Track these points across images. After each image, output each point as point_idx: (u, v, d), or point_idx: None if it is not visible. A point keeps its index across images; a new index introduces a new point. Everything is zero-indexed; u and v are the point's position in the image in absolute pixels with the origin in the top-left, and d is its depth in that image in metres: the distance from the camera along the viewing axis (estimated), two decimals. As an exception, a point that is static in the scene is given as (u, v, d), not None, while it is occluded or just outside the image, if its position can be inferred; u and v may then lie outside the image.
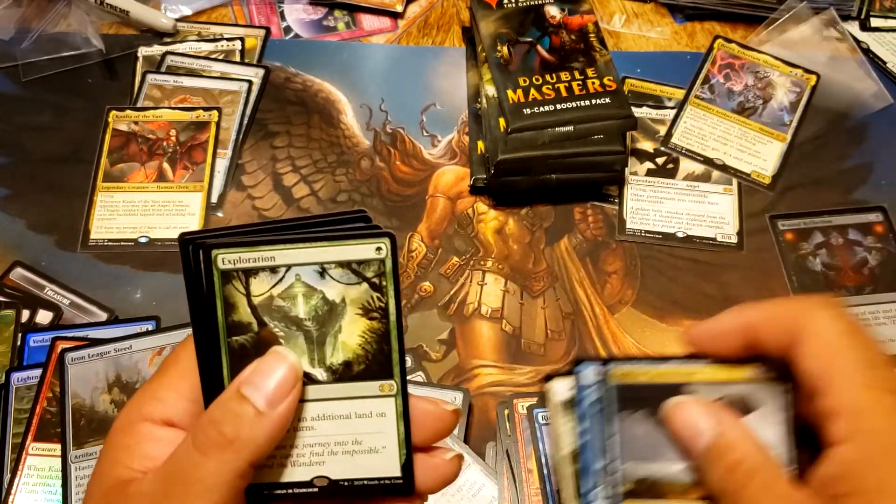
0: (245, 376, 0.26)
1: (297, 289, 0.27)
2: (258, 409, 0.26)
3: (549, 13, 0.58)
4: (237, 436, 0.25)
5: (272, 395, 0.26)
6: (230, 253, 0.26)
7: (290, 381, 0.26)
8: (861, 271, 0.53)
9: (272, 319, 0.27)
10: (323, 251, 0.26)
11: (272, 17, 0.67)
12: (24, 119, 0.60)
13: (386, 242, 0.26)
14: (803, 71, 0.62)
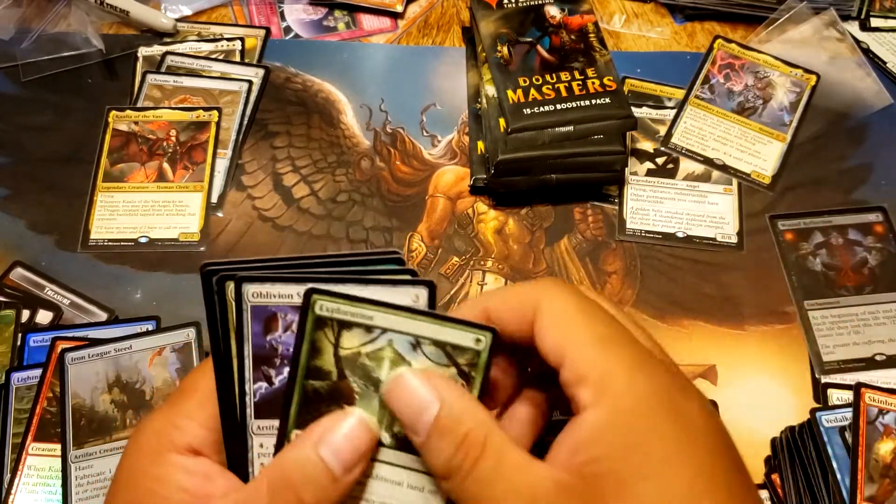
0: (321, 433, 0.25)
1: (386, 353, 0.26)
2: (335, 475, 0.25)
3: (549, 13, 0.58)
4: (317, 502, 0.24)
5: (349, 461, 0.25)
6: (331, 302, 0.26)
7: (367, 447, 0.26)
8: (861, 271, 0.53)
9: (353, 374, 0.26)
10: (424, 326, 0.26)
11: (272, 17, 0.67)
12: (24, 119, 0.60)
13: (488, 336, 0.26)
14: (803, 71, 0.62)
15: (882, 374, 0.48)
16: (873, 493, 0.42)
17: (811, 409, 0.44)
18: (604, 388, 0.23)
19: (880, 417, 0.44)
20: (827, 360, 0.49)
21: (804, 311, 0.51)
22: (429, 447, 0.25)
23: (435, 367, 0.26)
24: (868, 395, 0.45)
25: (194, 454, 0.27)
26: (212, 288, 0.27)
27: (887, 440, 0.43)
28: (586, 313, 0.25)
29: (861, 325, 0.50)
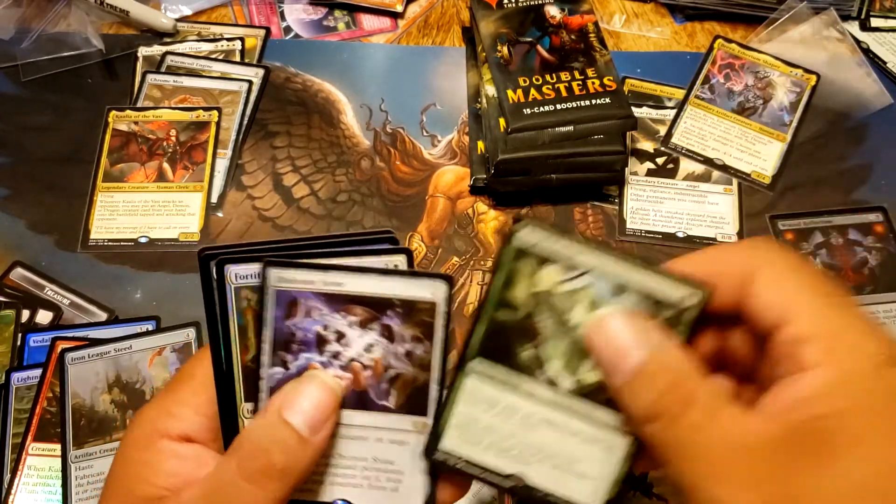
0: (284, 399, 0.26)
1: (583, 295, 0.25)
2: (302, 436, 0.25)
3: (549, 13, 0.58)
4: (287, 465, 0.25)
5: (315, 421, 0.25)
6: (535, 232, 0.25)
7: (330, 405, 0.26)
8: (861, 271, 0.53)
9: (545, 311, 0.25)
10: (631, 273, 0.25)
11: (272, 17, 0.67)
12: (24, 119, 0.60)
13: (700, 294, 0.25)
14: (803, 71, 0.62)
15: (882, 374, 0.48)
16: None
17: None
18: (834, 348, 0.23)
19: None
20: (827, 360, 0.49)
21: (804, 311, 0.51)
22: (631, 389, 0.24)
23: None
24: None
25: (187, 441, 0.27)
26: (209, 272, 0.27)
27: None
28: (810, 273, 0.24)
29: (861, 325, 0.50)
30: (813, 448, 0.21)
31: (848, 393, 0.22)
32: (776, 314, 0.24)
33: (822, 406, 0.22)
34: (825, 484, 0.21)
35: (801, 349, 0.23)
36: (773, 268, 0.24)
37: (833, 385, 0.22)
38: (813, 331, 0.23)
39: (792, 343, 0.23)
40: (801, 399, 0.22)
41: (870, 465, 0.21)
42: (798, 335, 0.23)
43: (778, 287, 0.24)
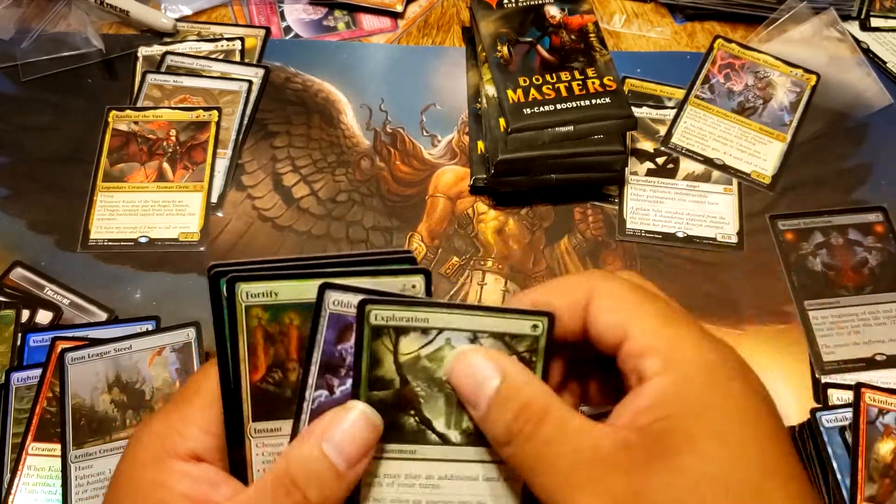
0: (324, 429, 0.25)
1: (445, 352, 0.27)
2: (339, 470, 0.25)
3: (549, 13, 0.58)
4: (320, 501, 0.24)
5: (353, 456, 0.25)
6: (384, 310, 0.26)
7: (370, 439, 0.26)
8: (861, 271, 0.53)
9: (415, 379, 0.27)
10: (479, 320, 0.26)
11: (272, 16, 0.67)
12: (24, 119, 0.60)
13: (544, 321, 0.26)
14: (803, 71, 0.62)
15: (882, 374, 0.48)
16: (873, 493, 0.42)
17: (811, 409, 0.44)
18: (672, 358, 0.24)
19: (880, 417, 0.44)
20: (827, 360, 0.49)
21: (804, 311, 0.51)
22: (489, 418, 0.25)
23: None
24: (868, 395, 0.45)
25: (197, 460, 0.27)
26: (219, 289, 0.26)
27: (887, 440, 0.43)
28: (643, 293, 0.26)
29: (861, 325, 0.50)
30: (655, 450, 0.23)
31: (683, 397, 0.24)
32: (615, 334, 0.26)
33: (661, 411, 0.23)
34: (664, 481, 0.22)
35: (642, 362, 0.25)
36: (607, 292, 0.26)
37: (670, 391, 0.24)
38: (650, 344, 0.25)
39: (633, 357, 0.25)
40: (643, 407, 0.24)
41: (703, 461, 0.23)
42: (637, 350, 0.25)
43: (613, 309, 0.26)
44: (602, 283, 0.27)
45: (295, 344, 0.27)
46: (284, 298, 0.27)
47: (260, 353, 0.27)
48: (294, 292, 0.27)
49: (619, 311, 0.26)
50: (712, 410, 0.23)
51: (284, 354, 0.27)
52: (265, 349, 0.27)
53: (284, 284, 0.26)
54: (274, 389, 0.27)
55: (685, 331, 0.25)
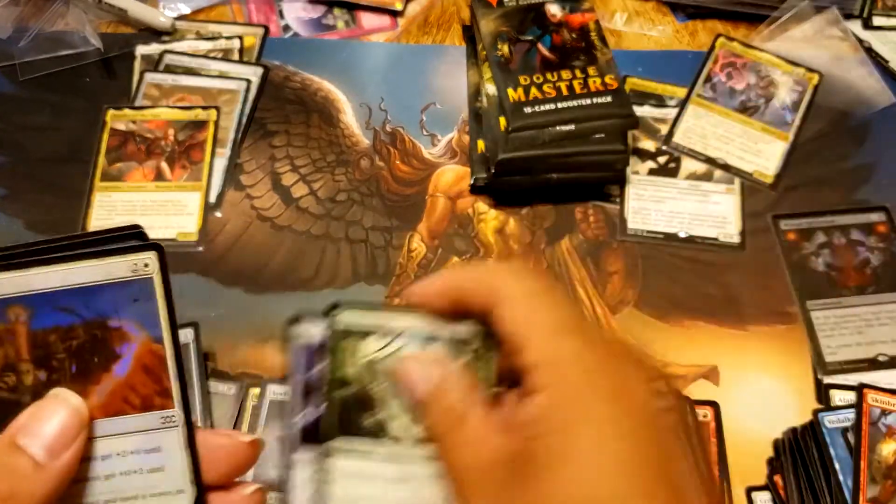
0: (21, 423, 0.24)
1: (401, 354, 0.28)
2: (37, 460, 0.23)
3: (550, 11, 0.58)
4: (12, 492, 0.23)
5: (54, 445, 0.24)
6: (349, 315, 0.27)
7: (73, 427, 0.24)
8: (863, 271, 0.52)
9: (373, 380, 0.27)
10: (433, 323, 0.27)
11: (271, 15, 0.67)
12: (22, 118, 0.59)
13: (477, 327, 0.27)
14: (806, 70, 0.62)
15: (885, 374, 0.48)
16: (876, 495, 0.41)
17: (813, 410, 0.44)
18: (555, 374, 0.25)
19: (883, 418, 0.44)
20: (829, 360, 0.49)
21: (806, 312, 0.51)
22: (421, 417, 0.27)
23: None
24: (871, 395, 0.44)
25: None
26: None
27: (890, 441, 0.43)
28: (545, 300, 0.26)
29: (864, 326, 0.50)
30: (529, 468, 0.23)
31: (559, 415, 0.24)
32: (514, 341, 0.26)
33: (537, 427, 0.24)
34: (535, 501, 0.23)
35: (532, 375, 0.25)
36: (510, 296, 0.26)
37: (548, 407, 0.24)
38: (540, 357, 0.25)
39: (525, 369, 0.25)
40: (525, 421, 0.24)
41: (571, 482, 0.23)
42: (529, 362, 0.25)
43: (514, 315, 0.26)
44: (506, 285, 0.27)
45: (24, 341, 0.25)
46: (5, 292, 0.24)
47: None
48: (14, 285, 0.24)
49: (517, 318, 0.26)
50: (574, 430, 0.24)
51: (14, 355, 0.25)
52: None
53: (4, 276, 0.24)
54: (8, 395, 0.25)
55: (573, 344, 0.25)
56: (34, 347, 0.25)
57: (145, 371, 0.26)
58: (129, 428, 0.26)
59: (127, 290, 0.25)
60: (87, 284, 0.25)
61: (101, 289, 0.25)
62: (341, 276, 0.53)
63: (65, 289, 0.25)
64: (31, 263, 0.24)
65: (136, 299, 0.25)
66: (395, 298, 0.52)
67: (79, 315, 0.25)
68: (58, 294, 0.24)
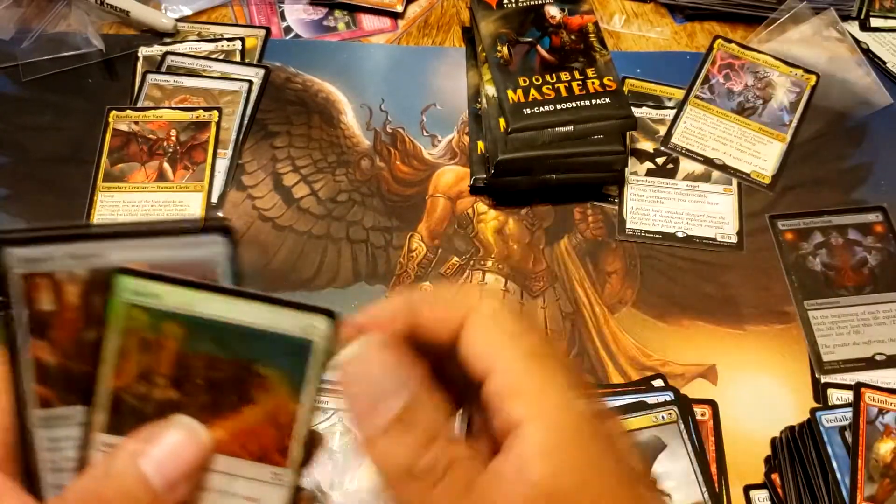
0: (148, 447, 0.23)
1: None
2: (156, 492, 0.22)
3: (549, 13, 0.58)
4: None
5: (173, 477, 0.23)
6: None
7: (195, 461, 0.23)
8: (861, 271, 0.53)
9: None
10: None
11: (272, 17, 0.67)
12: (25, 119, 0.60)
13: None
14: (803, 71, 0.62)
15: (882, 373, 0.48)
16: (873, 493, 0.42)
17: (811, 408, 0.44)
18: (541, 404, 0.23)
19: (880, 417, 0.44)
20: (827, 359, 0.49)
21: (804, 311, 0.51)
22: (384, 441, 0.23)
23: None
24: (868, 394, 0.45)
25: None
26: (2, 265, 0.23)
27: (887, 440, 0.43)
28: (517, 326, 0.24)
29: (861, 325, 0.50)
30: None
31: (567, 448, 0.22)
32: (482, 366, 0.24)
33: (549, 464, 0.22)
34: None
35: (507, 404, 0.23)
36: (481, 318, 0.24)
37: (550, 440, 0.22)
38: (518, 385, 0.23)
39: (498, 396, 0.23)
40: (527, 457, 0.22)
41: None
42: (502, 389, 0.23)
43: (485, 338, 0.24)
44: (476, 307, 0.24)
45: (169, 358, 0.24)
46: (171, 305, 0.24)
47: (130, 359, 0.24)
48: (180, 301, 0.24)
49: (487, 340, 0.24)
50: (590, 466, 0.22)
51: (155, 367, 0.24)
52: (136, 358, 0.24)
53: (173, 289, 0.23)
54: (134, 402, 0.24)
55: (555, 374, 0.23)
56: (176, 367, 0.24)
57: (274, 425, 0.25)
58: (240, 471, 0.25)
59: (287, 344, 0.24)
60: (250, 325, 0.24)
61: (262, 334, 0.24)
62: (342, 276, 0.53)
63: (228, 322, 0.24)
64: (210, 289, 0.23)
65: (292, 355, 0.24)
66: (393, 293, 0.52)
67: (231, 351, 0.24)
68: (219, 325, 0.24)
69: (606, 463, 0.23)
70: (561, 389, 0.23)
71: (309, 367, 0.24)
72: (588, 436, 0.23)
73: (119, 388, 0.24)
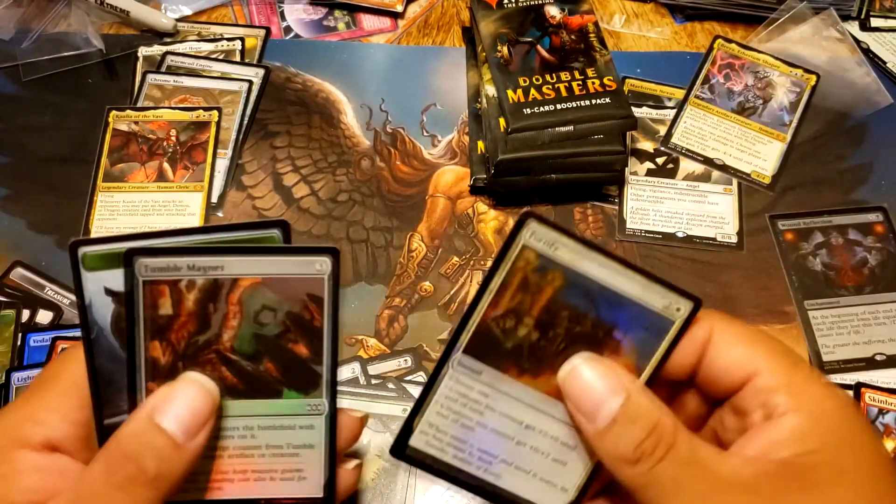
0: (158, 404, 0.25)
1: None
2: (177, 441, 0.24)
3: (549, 13, 0.58)
4: (159, 472, 0.24)
5: (191, 426, 0.24)
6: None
7: (207, 409, 0.25)
8: (861, 271, 0.53)
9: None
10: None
11: (272, 17, 0.67)
12: (24, 119, 0.60)
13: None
14: (803, 71, 0.62)
15: (882, 373, 0.48)
16: (873, 493, 0.42)
17: (811, 408, 0.44)
18: (804, 394, 0.25)
19: (880, 417, 0.44)
20: (827, 359, 0.49)
21: (804, 311, 0.51)
22: (612, 433, 0.25)
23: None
24: (868, 394, 0.45)
25: (51, 450, 0.25)
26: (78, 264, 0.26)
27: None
28: (764, 333, 0.27)
29: (861, 325, 0.50)
30: (797, 483, 0.24)
31: (822, 432, 0.24)
32: (743, 368, 0.26)
33: (801, 445, 0.24)
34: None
35: (772, 398, 0.25)
36: (728, 329, 0.27)
37: (807, 426, 0.24)
38: (780, 381, 0.25)
39: (763, 393, 0.25)
40: (778, 441, 0.24)
41: (853, 494, 0.24)
42: (769, 385, 0.25)
43: (739, 343, 0.26)
44: (721, 322, 0.27)
45: (542, 304, 0.26)
46: (562, 258, 0.26)
47: (508, 293, 0.26)
48: (574, 256, 0.26)
49: (745, 346, 0.26)
50: (852, 446, 0.24)
51: (528, 306, 0.26)
52: (514, 293, 0.26)
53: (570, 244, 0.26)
54: (498, 334, 0.26)
55: (810, 371, 0.26)
56: (545, 312, 0.26)
57: None
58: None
59: (649, 318, 0.27)
60: (622, 291, 0.26)
61: (631, 303, 0.27)
62: (342, 276, 0.53)
63: (604, 285, 0.26)
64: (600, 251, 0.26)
65: (649, 329, 0.27)
66: (397, 298, 0.52)
67: (597, 312, 0.26)
68: (596, 285, 0.26)
69: (863, 444, 0.25)
70: (819, 381, 0.26)
71: (660, 344, 0.26)
72: (846, 423, 0.25)
73: (489, 318, 0.26)
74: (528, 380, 0.27)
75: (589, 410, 0.25)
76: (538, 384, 0.27)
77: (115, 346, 0.26)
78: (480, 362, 0.26)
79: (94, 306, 0.26)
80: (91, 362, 0.26)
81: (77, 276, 0.26)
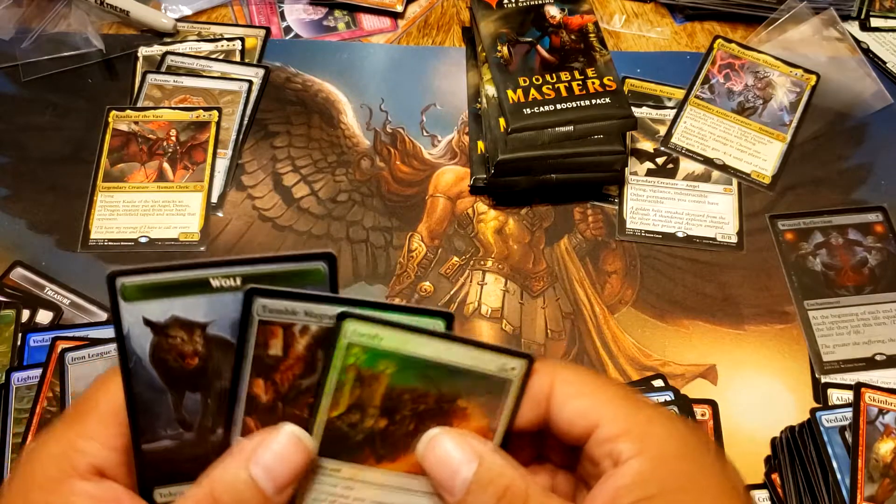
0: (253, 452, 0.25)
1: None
2: (267, 495, 0.24)
3: (549, 13, 0.58)
4: None
5: (282, 480, 0.24)
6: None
7: (301, 465, 0.25)
8: (861, 271, 0.53)
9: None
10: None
11: (272, 17, 0.67)
12: (25, 119, 0.60)
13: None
14: (803, 71, 0.62)
15: (882, 373, 0.48)
16: (873, 493, 0.42)
17: (811, 408, 0.44)
18: (646, 439, 0.25)
19: (880, 417, 0.44)
20: (827, 359, 0.49)
21: (804, 311, 0.51)
22: (469, 501, 0.25)
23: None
24: (868, 394, 0.45)
25: (100, 476, 0.25)
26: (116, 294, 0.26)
27: (887, 440, 0.43)
28: (604, 378, 0.28)
29: (861, 325, 0.50)
30: None
31: (662, 476, 0.25)
32: (586, 420, 0.26)
33: (642, 490, 0.24)
34: None
35: (616, 446, 0.25)
36: (569, 379, 0.27)
37: (647, 470, 0.25)
38: (621, 428, 0.26)
39: (607, 443, 0.26)
40: (623, 486, 0.25)
41: None
42: (609, 435, 0.26)
43: (580, 395, 0.27)
44: (563, 372, 0.27)
45: (382, 392, 0.26)
46: (388, 347, 0.26)
47: (346, 390, 0.26)
48: (397, 342, 0.26)
49: (586, 397, 0.26)
50: (697, 486, 0.25)
51: (368, 399, 0.27)
52: (352, 389, 0.26)
53: (392, 333, 0.26)
54: (347, 430, 0.27)
55: (653, 412, 0.26)
56: (387, 399, 0.27)
57: None
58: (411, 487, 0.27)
59: (487, 382, 0.27)
60: (455, 364, 0.26)
61: (466, 372, 0.27)
62: (342, 276, 0.53)
63: (436, 362, 0.26)
64: (424, 333, 0.26)
65: (490, 391, 0.27)
66: (396, 298, 0.52)
67: (437, 387, 0.27)
68: (428, 364, 0.26)
69: (707, 480, 0.25)
70: (661, 422, 0.26)
71: (504, 401, 0.27)
72: (687, 462, 0.25)
73: (333, 418, 0.27)
74: (388, 464, 0.27)
75: (447, 483, 0.25)
76: (399, 466, 0.27)
77: (154, 375, 0.26)
78: (337, 460, 0.27)
79: (132, 336, 0.26)
80: (129, 391, 0.26)
81: (115, 306, 0.26)
